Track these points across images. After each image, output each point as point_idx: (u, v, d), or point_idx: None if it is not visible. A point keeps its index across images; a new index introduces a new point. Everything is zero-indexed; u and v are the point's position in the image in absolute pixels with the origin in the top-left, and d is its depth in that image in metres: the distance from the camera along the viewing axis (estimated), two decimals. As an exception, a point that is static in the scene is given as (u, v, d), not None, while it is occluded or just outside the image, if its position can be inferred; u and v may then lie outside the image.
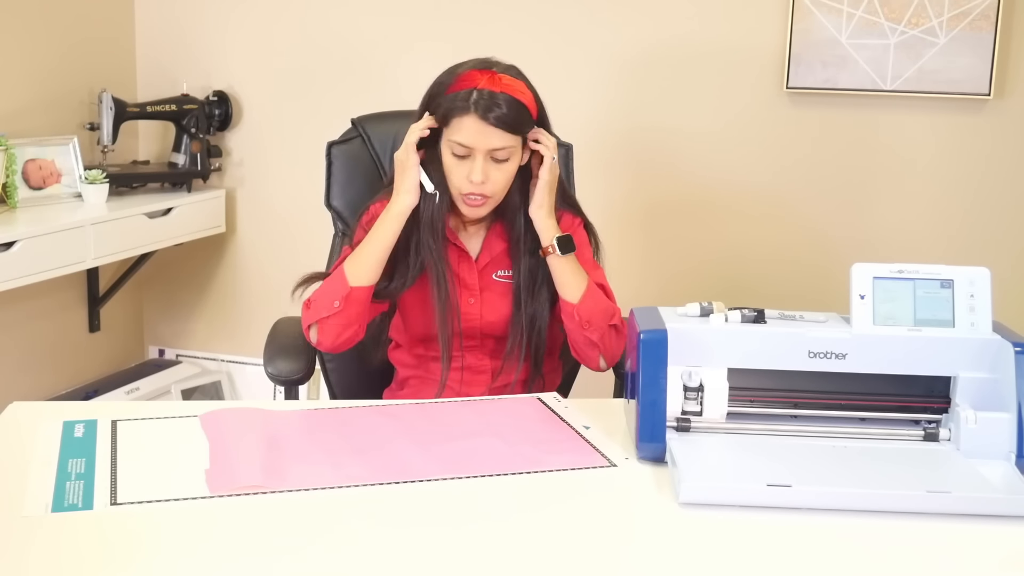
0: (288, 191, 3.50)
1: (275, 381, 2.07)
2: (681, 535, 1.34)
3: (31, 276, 2.81)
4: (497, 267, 1.99)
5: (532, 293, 1.96)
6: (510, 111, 1.83)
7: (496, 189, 1.88)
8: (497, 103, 1.82)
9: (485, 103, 1.82)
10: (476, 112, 1.82)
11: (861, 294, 1.55)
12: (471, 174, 1.85)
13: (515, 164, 1.89)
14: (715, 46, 3.06)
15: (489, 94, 1.83)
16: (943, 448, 1.54)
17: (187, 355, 3.72)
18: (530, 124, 1.89)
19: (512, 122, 1.84)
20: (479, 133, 1.83)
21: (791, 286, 3.09)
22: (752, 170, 3.10)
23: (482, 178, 1.85)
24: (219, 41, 3.50)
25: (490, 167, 1.86)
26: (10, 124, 3.07)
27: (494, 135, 1.83)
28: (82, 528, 1.29)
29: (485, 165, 1.85)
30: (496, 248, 1.99)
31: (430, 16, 3.24)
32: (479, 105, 1.82)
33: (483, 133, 1.83)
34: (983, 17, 2.82)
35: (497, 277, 1.99)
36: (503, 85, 1.85)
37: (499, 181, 1.87)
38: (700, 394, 1.55)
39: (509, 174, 1.89)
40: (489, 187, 1.87)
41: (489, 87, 1.83)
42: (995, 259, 2.83)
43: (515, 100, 1.84)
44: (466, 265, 1.98)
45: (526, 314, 1.95)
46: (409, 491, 1.42)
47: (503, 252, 1.99)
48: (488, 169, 1.85)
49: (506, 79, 1.86)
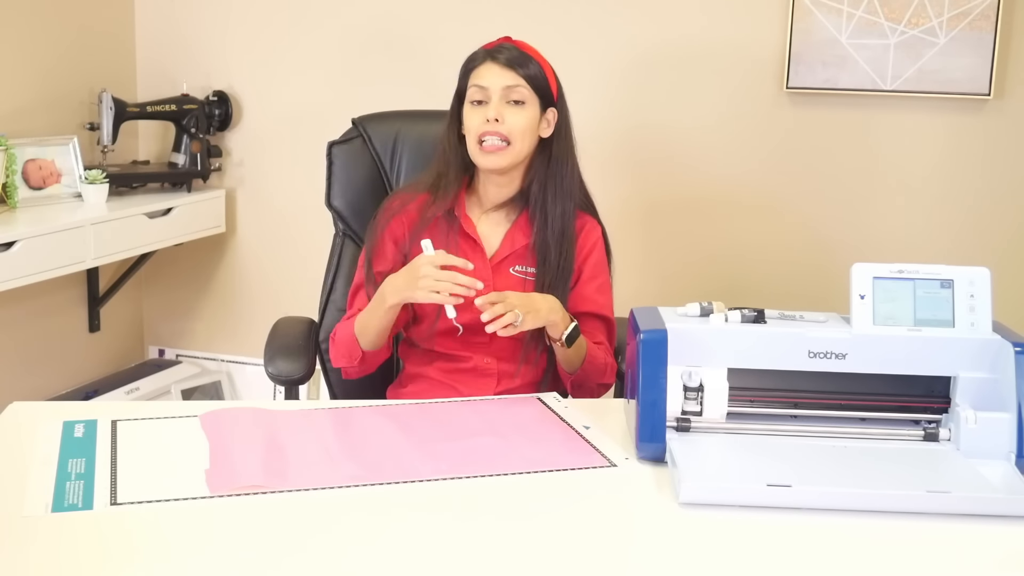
0: (288, 191, 3.50)
1: (275, 381, 2.07)
2: (681, 535, 1.34)
3: (31, 276, 2.81)
4: (516, 262, 2.00)
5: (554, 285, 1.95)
6: (520, 55, 1.95)
7: (513, 132, 1.93)
8: (505, 47, 1.96)
9: (495, 49, 1.97)
10: (488, 58, 1.96)
11: (861, 294, 1.55)
12: (487, 112, 1.92)
13: (531, 114, 1.95)
14: (715, 46, 3.06)
15: (499, 44, 1.98)
16: (943, 448, 1.54)
17: (187, 355, 3.72)
18: (547, 91, 1.97)
19: (526, 68, 1.94)
20: (491, 73, 1.94)
21: (791, 286, 3.09)
22: (752, 170, 3.10)
23: (496, 115, 1.91)
24: (219, 41, 3.50)
25: (505, 108, 1.93)
26: (10, 124, 3.07)
27: (507, 74, 1.93)
28: (82, 528, 1.30)
29: (499, 105, 1.92)
30: (518, 243, 2.00)
31: (430, 16, 3.24)
32: (490, 52, 1.97)
33: (496, 73, 1.94)
34: (983, 17, 2.81)
35: (515, 272, 1.99)
36: (519, 44, 1.99)
37: (515, 125, 1.93)
38: (700, 394, 1.55)
39: (526, 120, 1.94)
40: (505, 127, 1.92)
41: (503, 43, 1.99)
42: (995, 259, 2.83)
43: (530, 56, 1.96)
44: (479, 258, 1.97)
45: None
46: (409, 491, 1.42)
47: (525, 247, 1.99)
48: (503, 110, 1.92)
49: (518, 41, 2.00)
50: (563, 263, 1.97)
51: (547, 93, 1.97)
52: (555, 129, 1.99)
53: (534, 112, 1.95)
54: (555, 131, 1.99)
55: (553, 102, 1.98)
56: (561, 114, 2.00)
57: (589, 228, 2.04)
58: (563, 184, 1.98)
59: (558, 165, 1.99)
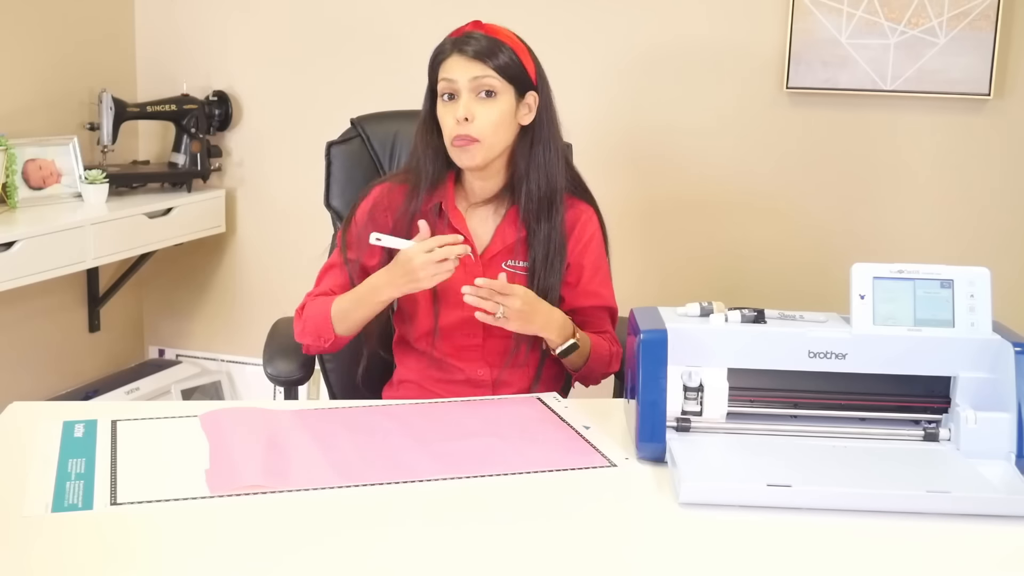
0: (288, 191, 3.50)
1: (274, 382, 2.07)
2: (681, 535, 1.34)
3: (31, 276, 2.81)
4: (507, 257, 1.96)
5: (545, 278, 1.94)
6: (487, 43, 1.87)
7: (484, 130, 1.86)
8: (473, 37, 1.88)
9: (461, 40, 1.89)
10: (453, 50, 1.88)
11: (861, 294, 1.55)
12: (456, 112, 1.86)
13: (505, 106, 1.88)
14: (715, 46, 3.06)
15: (467, 33, 1.90)
16: (943, 448, 1.54)
17: (187, 355, 3.72)
18: (522, 77, 1.89)
19: (494, 57, 1.86)
20: (457, 67, 1.87)
21: (791, 286, 3.09)
22: (752, 170, 3.10)
23: (465, 113, 1.85)
24: (219, 41, 3.50)
25: (475, 104, 1.86)
26: (10, 124, 3.07)
27: (473, 66, 1.86)
28: (82, 528, 1.30)
29: (469, 102, 1.86)
30: (509, 238, 1.96)
31: (430, 16, 3.24)
32: (457, 44, 1.89)
33: (462, 66, 1.86)
34: (983, 17, 2.81)
35: (506, 267, 1.95)
36: (487, 28, 1.91)
37: (486, 120, 1.86)
38: (700, 394, 1.55)
39: (498, 114, 1.87)
40: (476, 127, 1.85)
41: (470, 30, 1.90)
42: (995, 259, 2.83)
43: (492, 38, 1.88)
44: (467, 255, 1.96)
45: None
46: (409, 491, 1.42)
47: (515, 242, 1.95)
48: (473, 106, 1.86)
49: (488, 25, 1.92)
50: (553, 255, 1.93)
51: (523, 78, 1.89)
52: (536, 113, 1.92)
53: (508, 102, 1.88)
54: (536, 115, 1.92)
55: (532, 85, 1.90)
56: (543, 96, 1.92)
57: (585, 220, 1.99)
58: (547, 170, 1.92)
59: (541, 151, 1.92)
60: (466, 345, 1.97)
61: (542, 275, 1.93)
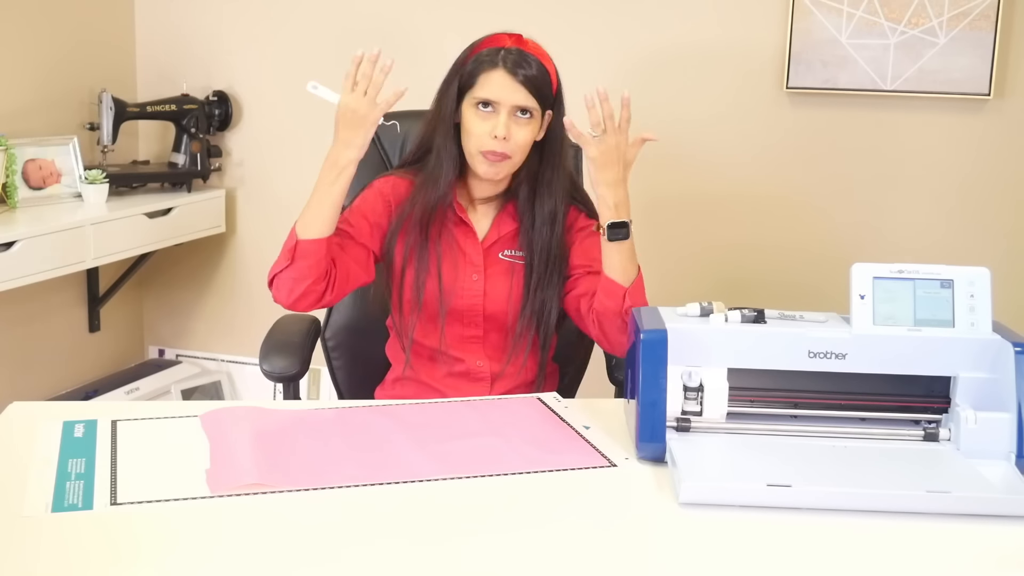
0: (288, 191, 3.48)
1: (270, 378, 2.08)
2: (681, 535, 1.34)
3: (31, 276, 2.81)
4: (505, 246, 1.99)
5: (544, 278, 1.95)
6: (539, 72, 1.88)
7: (516, 148, 1.89)
8: (527, 61, 1.88)
9: (514, 59, 1.88)
10: (504, 67, 1.87)
11: (861, 294, 1.55)
12: (495, 129, 1.86)
13: (534, 130, 1.91)
14: (715, 46, 3.06)
15: (518, 51, 1.89)
16: (943, 448, 1.54)
17: (187, 355, 3.72)
18: (550, 98, 1.92)
19: (538, 84, 1.88)
20: (505, 87, 1.87)
21: (791, 286, 3.09)
22: (752, 170, 3.10)
23: (505, 132, 1.86)
24: (219, 41, 3.49)
25: (512, 124, 1.88)
26: (10, 124, 3.07)
27: (520, 92, 1.87)
28: (82, 528, 1.30)
29: (508, 121, 1.87)
30: (505, 228, 1.99)
31: (433, 15, 3.24)
32: (507, 60, 1.88)
33: (510, 88, 1.87)
34: (983, 17, 2.81)
35: (504, 256, 1.99)
36: (531, 48, 1.91)
37: (520, 141, 1.89)
38: (700, 394, 1.55)
39: (529, 137, 1.91)
40: (511, 145, 1.88)
41: (518, 46, 1.89)
42: (995, 259, 2.83)
43: (542, 64, 1.90)
44: (471, 242, 1.98)
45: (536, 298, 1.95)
46: (409, 491, 1.42)
47: (513, 232, 1.99)
48: (511, 126, 1.87)
49: (533, 44, 1.92)
50: (552, 259, 1.95)
51: (550, 100, 1.92)
52: (548, 131, 1.95)
53: (537, 123, 1.92)
54: (548, 132, 1.95)
55: (551, 104, 1.93)
56: (556, 115, 1.94)
57: (582, 221, 2.01)
58: (551, 186, 1.96)
59: (547, 168, 1.96)
60: (467, 336, 1.98)
61: (541, 284, 1.95)
